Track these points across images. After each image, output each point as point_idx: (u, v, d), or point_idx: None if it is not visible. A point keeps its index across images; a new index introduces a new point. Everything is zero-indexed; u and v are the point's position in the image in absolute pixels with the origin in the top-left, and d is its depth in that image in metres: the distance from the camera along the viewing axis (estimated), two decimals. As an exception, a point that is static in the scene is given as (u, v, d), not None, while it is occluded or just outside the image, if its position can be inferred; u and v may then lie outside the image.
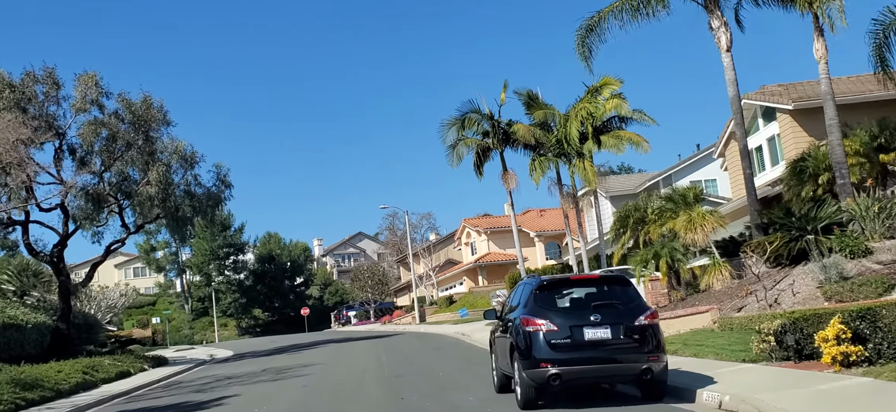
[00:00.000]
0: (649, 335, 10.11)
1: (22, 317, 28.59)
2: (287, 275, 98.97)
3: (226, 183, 36.28)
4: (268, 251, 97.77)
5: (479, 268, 58.68)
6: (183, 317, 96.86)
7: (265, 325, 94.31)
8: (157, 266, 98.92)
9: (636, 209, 25.01)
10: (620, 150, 30.35)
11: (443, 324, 45.66)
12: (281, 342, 48.64)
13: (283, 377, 22.04)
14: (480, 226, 60.92)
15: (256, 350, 41.71)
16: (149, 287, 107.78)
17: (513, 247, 60.19)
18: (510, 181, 32.72)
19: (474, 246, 62.89)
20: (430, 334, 37.30)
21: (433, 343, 30.85)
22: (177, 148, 33.86)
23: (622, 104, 30.64)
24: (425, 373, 18.58)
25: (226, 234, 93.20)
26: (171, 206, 34.63)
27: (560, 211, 68.83)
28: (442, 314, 51.42)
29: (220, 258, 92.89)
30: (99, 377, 26.41)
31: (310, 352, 33.06)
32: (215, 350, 48.89)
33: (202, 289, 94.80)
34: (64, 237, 33.71)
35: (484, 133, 33.33)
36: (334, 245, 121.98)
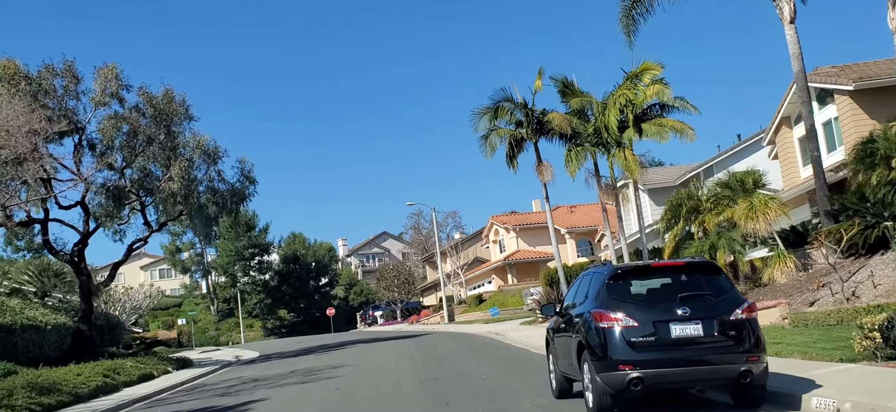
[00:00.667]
0: (747, 331, 8.58)
1: (41, 319, 27.56)
2: (312, 275, 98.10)
3: (250, 179, 35.11)
4: (293, 251, 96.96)
5: (508, 265, 57.14)
6: (209, 318, 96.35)
7: (291, 326, 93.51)
8: (182, 267, 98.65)
9: (689, 197, 23.36)
10: (663, 138, 28.67)
11: (473, 323, 44.23)
12: (307, 343, 47.49)
13: (313, 379, 20.74)
14: (509, 223, 59.39)
15: (283, 351, 40.56)
16: (174, 288, 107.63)
17: (543, 244, 58.77)
18: (545, 173, 31.17)
19: (503, 243, 61.36)
20: (461, 334, 35.88)
21: (467, 343, 29.43)
22: (199, 142, 32.72)
23: (664, 90, 28.96)
24: (467, 375, 17.14)
25: (250, 235, 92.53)
26: (194, 202, 33.50)
27: (591, 207, 67.23)
28: (471, 313, 49.96)
29: (245, 259, 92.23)
30: (120, 380, 25.30)
31: (338, 353, 31.79)
32: (241, 351, 47.85)
33: (227, 290, 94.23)
34: (84, 235, 32.70)
35: (517, 123, 31.80)
36: (359, 245, 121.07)
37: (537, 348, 22.61)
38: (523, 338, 26.53)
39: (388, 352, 29.07)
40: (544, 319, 32.15)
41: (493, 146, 31.12)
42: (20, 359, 25.60)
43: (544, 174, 31.20)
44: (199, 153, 32.67)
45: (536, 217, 61.50)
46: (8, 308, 26.64)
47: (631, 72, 29.88)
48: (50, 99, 29.88)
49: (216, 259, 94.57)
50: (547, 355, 12.04)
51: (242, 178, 34.84)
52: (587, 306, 9.15)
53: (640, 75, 29.71)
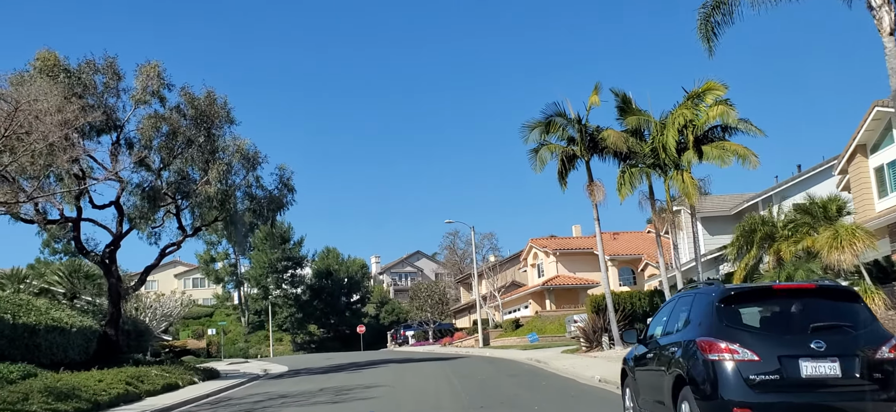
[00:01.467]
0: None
1: (67, 320, 26.57)
2: (344, 291, 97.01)
3: (288, 187, 34.02)
4: (326, 266, 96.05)
5: (546, 291, 55.35)
6: (239, 330, 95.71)
7: (320, 342, 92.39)
8: (215, 277, 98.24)
9: (764, 222, 21.61)
10: (725, 162, 26.94)
11: (509, 348, 42.53)
12: (337, 360, 46.14)
13: (344, 399, 19.31)
14: (549, 247, 57.63)
15: (312, 367, 39.25)
16: (207, 298, 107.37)
17: (584, 270, 56.94)
18: (597, 193, 29.58)
19: (541, 268, 59.58)
20: (499, 359, 34.24)
21: (506, 369, 27.79)
22: (239, 147, 31.73)
23: (729, 112, 27.27)
24: (515, 405, 15.57)
25: (284, 247, 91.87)
26: (231, 208, 32.49)
27: (634, 235, 65.26)
28: (507, 338, 48.23)
29: (278, 271, 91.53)
30: (143, 389, 24.16)
31: (370, 372, 30.34)
32: (269, 365, 46.68)
33: (259, 302, 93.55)
34: (117, 237, 31.83)
35: (569, 139, 30.26)
36: (392, 263, 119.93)
37: (586, 379, 20.93)
38: (569, 368, 24.85)
39: (424, 374, 27.55)
40: (589, 348, 30.49)
41: (542, 161, 29.63)
42: (42, 362, 24.60)
43: (596, 194, 29.60)
44: (239, 158, 31.67)
45: (577, 242, 59.69)
46: (33, 307, 25.69)
47: (692, 91, 28.28)
48: (90, 95, 29.12)
49: (249, 270, 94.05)
50: (622, 390, 10.47)
51: (281, 186, 33.79)
52: (689, 333, 7.60)
53: (702, 95, 28.09)
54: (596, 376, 20.59)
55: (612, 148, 28.74)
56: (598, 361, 26.02)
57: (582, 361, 26.59)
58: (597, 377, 20.37)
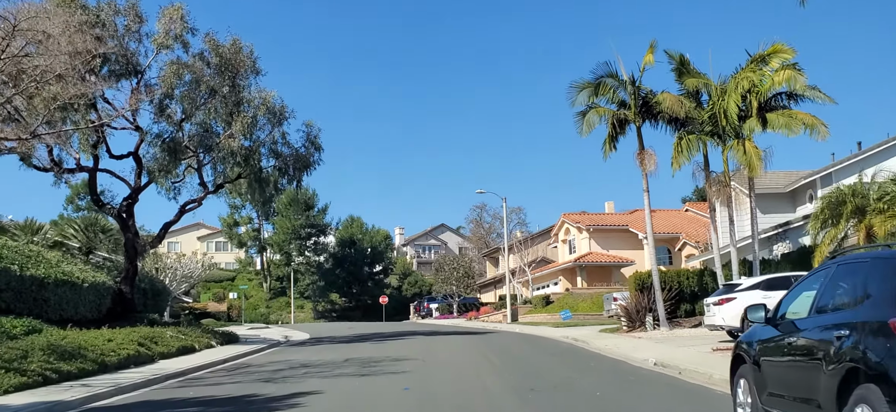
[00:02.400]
0: None
1: (78, 274, 25.04)
2: (367, 261, 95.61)
3: (316, 145, 32.21)
4: (349, 235, 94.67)
5: (578, 267, 53.26)
6: (260, 295, 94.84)
7: (341, 311, 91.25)
8: (238, 241, 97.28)
9: (854, 193, 19.42)
10: (792, 131, 24.59)
11: (540, 325, 40.61)
12: (361, 329, 44.55)
13: (373, 372, 17.52)
14: (582, 223, 55.46)
15: (334, 335, 37.65)
16: (229, 262, 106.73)
17: (617, 248, 54.75)
18: (648, 161, 27.36)
19: (573, 244, 57.45)
20: (532, 336, 32.34)
21: (544, 347, 25.90)
22: (265, 99, 29.90)
23: (796, 77, 24.87)
24: (572, 388, 13.67)
25: (309, 214, 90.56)
26: (255, 164, 30.80)
27: (670, 213, 62.84)
28: (537, 314, 46.30)
29: (301, 238, 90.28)
30: (156, 351, 22.60)
31: (397, 344, 28.60)
32: (290, 331, 45.24)
33: (281, 268, 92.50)
34: (135, 190, 30.26)
35: (620, 102, 28.03)
36: (415, 235, 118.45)
37: (637, 361, 18.97)
38: (612, 348, 22.88)
39: (455, 348, 25.73)
40: (631, 328, 28.46)
41: (590, 125, 27.45)
42: (50, 317, 23.09)
43: (647, 163, 27.41)
44: (264, 111, 29.85)
45: (611, 218, 57.46)
46: (43, 259, 24.16)
47: (756, 54, 25.93)
48: (109, 36, 27.37)
49: (272, 236, 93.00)
50: (734, 381, 8.47)
51: (308, 144, 32.03)
52: (872, 313, 5.57)
53: (767, 58, 25.73)
54: (649, 359, 18.60)
55: (667, 113, 26.48)
56: (645, 343, 24.02)
57: (626, 342, 24.61)
58: (651, 360, 18.38)
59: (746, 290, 21.08)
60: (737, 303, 20.89)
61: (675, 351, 20.03)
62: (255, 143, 30.80)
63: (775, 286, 20.89)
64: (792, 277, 21.24)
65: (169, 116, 29.64)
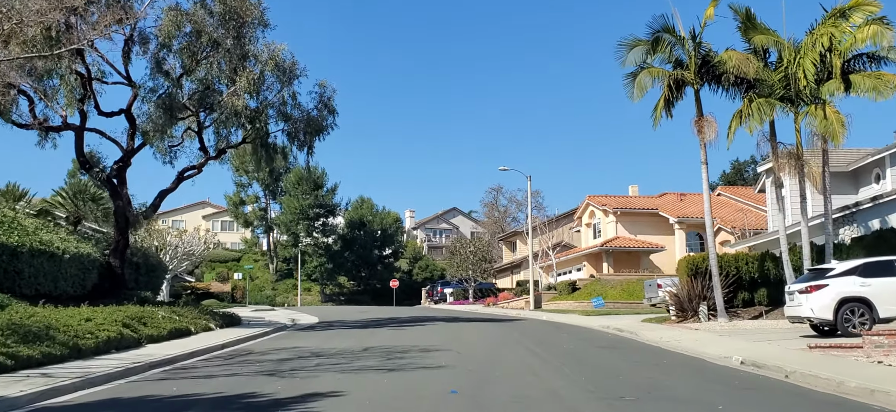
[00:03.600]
0: None
1: (58, 244, 21.94)
2: (377, 244, 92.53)
3: (329, 108, 28.93)
4: (359, 217, 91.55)
5: (604, 252, 49.97)
6: (266, 276, 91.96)
7: (349, 295, 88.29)
8: (244, 221, 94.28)
9: None
10: (882, 95, 21.27)
11: (568, 313, 37.42)
12: (373, 313, 41.44)
13: (401, 365, 14.39)
14: (609, 206, 52.13)
15: (346, 319, 34.55)
16: (235, 242, 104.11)
17: (645, 233, 51.42)
18: (708, 130, 24.00)
19: (598, 228, 54.16)
20: (566, 325, 29.17)
21: (588, 337, 22.75)
22: (273, 54, 26.62)
23: (884, 33, 21.58)
24: (665, 395, 10.49)
25: (317, 193, 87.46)
26: (262, 127, 27.60)
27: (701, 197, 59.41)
28: (562, 301, 43.09)
29: (309, 218, 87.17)
30: (144, 333, 19.55)
31: (418, 330, 25.48)
32: (298, 314, 42.17)
33: (288, 249, 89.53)
34: (127, 153, 27.14)
35: (676, 62, 24.68)
36: (426, 218, 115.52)
37: (714, 358, 15.77)
38: (672, 341, 19.71)
39: (487, 336, 22.59)
40: (682, 318, 25.24)
41: (642, 87, 24.09)
42: (24, 292, 20.05)
43: (706, 131, 24.06)
44: (272, 67, 26.58)
45: (639, 202, 54.12)
46: (17, 226, 21.03)
47: (836, 7, 22.56)
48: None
49: (279, 215, 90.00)
50: None
51: (321, 106, 28.75)
52: None
53: (847, 13, 22.36)
54: (731, 356, 15.40)
55: (732, 73, 23.14)
56: (707, 336, 20.85)
57: (684, 334, 21.42)
58: (734, 357, 15.18)
59: (840, 277, 17.86)
60: (829, 291, 17.70)
61: (757, 347, 16.81)
62: (261, 104, 27.59)
63: (875, 272, 17.69)
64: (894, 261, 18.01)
65: (166, 72, 26.41)
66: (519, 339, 21.16)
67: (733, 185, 65.59)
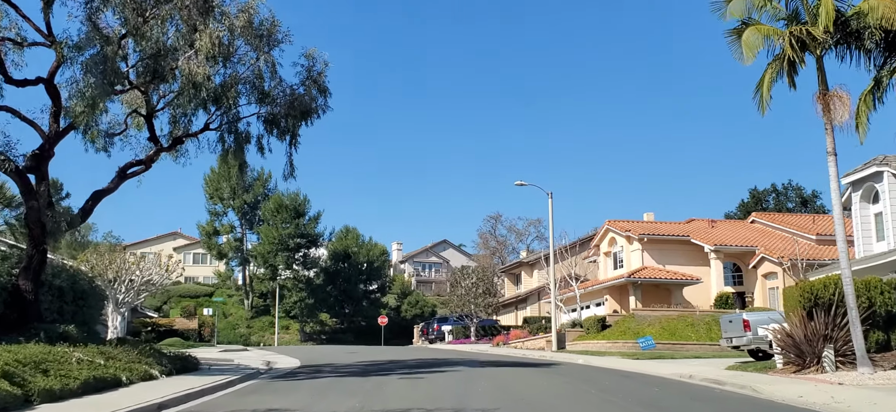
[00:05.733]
0: None
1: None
2: (362, 278, 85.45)
3: (320, 85, 22.19)
4: (343, 248, 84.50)
5: (632, 284, 43.31)
6: (241, 313, 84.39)
7: (332, 333, 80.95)
8: (218, 252, 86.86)
9: None
10: None
11: (606, 355, 30.66)
12: (365, 354, 34.40)
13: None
14: (633, 232, 45.59)
15: (335, 363, 27.58)
16: (208, 276, 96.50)
17: (674, 262, 44.90)
18: (838, 108, 17.53)
19: (619, 257, 47.57)
20: (623, 371, 22.40)
21: (680, 390, 16.15)
22: (245, 8, 19.93)
23: None
24: None
25: (298, 222, 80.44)
26: (230, 107, 20.81)
27: (735, 224, 53.23)
28: (592, 341, 36.29)
29: (289, 249, 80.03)
30: (40, 387, 12.86)
31: (437, 380, 18.64)
32: (274, 356, 35.11)
33: (266, 283, 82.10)
34: (49, 138, 20.23)
35: (790, 17, 18.25)
36: (415, 252, 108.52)
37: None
38: (820, 403, 13.15)
39: (543, 388, 15.78)
40: (800, 367, 18.60)
41: (750, 48, 17.59)
42: None
43: (836, 109, 17.52)
44: (244, 25, 19.81)
45: (666, 228, 47.67)
46: None
47: None
48: None
49: (257, 246, 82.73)
50: None
51: (308, 82, 21.99)
52: None
53: None
54: None
55: (876, 28, 16.76)
56: (863, 393, 14.36)
57: (829, 392, 14.82)
58: None
59: None
60: None
61: None
62: (230, 78, 20.85)
63: None
64: None
65: (103, 32, 19.58)
66: (599, 396, 14.38)
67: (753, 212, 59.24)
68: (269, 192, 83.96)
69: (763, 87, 18.81)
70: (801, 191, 69.34)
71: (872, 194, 27.84)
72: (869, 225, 28.03)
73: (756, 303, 43.03)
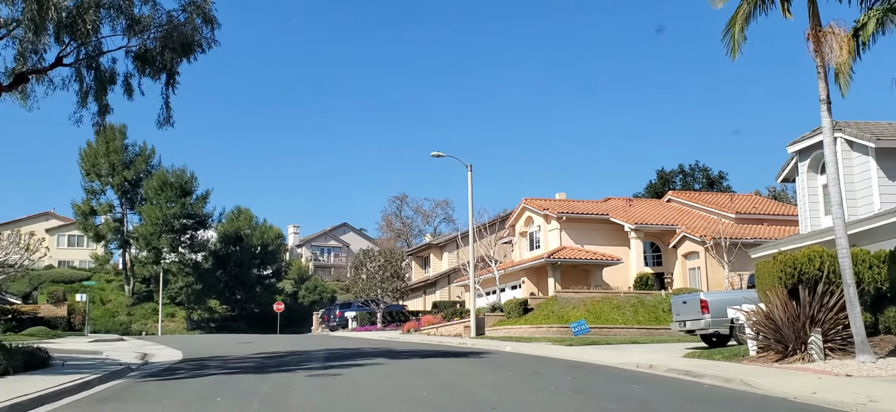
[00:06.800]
0: None
1: None
2: (256, 262, 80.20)
3: (206, 16, 17.86)
4: (235, 230, 79.00)
5: (551, 265, 40.62)
6: (121, 300, 77.57)
7: (223, 321, 75.45)
8: (96, 234, 79.45)
9: None
10: None
11: (534, 341, 27.73)
12: (261, 345, 30.16)
13: None
14: (551, 211, 42.90)
15: (226, 356, 23.41)
16: (85, 260, 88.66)
17: (594, 243, 42.64)
18: (835, 47, 14.81)
19: (536, 237, 44.91)
20: (573, 363, 19.27)
21: (649, 384, 13.13)
22: None
23: None
24: None
25: (184, 201, 74.34)
26: (86, 32, 16.20)
27: (651, 203, 51.55)
28: (514, 326, 33.31)
29: (174, 231, 73.94)
30: None
31: (357, 378, 14.95)
32: (154, 347, 30.42)
33: (148, 267, 75.76)
34: None
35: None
36: (313, 235, 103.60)
37: None
38: (837, 402, 10.39)
39: (507, 391, 12.34)
40: (782, 355, 15.90)
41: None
42: None
43: (834, 49, 14.81)
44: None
45: (584, 206, 45.32)
46: None
47: None
48: None
49: (138, 228, 76.05)
50: None
51: (191, 9, 17.61)
52: None
53: None
54: None
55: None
56: (885, 387, 11.75)
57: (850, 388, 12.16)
58: None
59: None
60: None
61: None
62: None
63: None
64: None
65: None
66: (565, 391, 11.07)
67: (660, 196, 58.08)
68: (152, 168, 77.34)
69: (735, 26, 16.01)
70: (707, 172, 69.08)
71: (821, 163, 25.88)
72: (816, 197, 26.06)
73: (676, 283, 41.30)
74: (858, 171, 24.29)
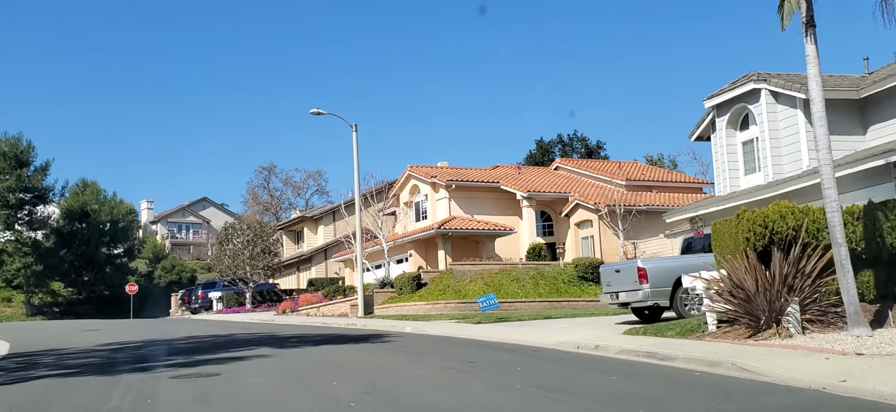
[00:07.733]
0: None
1: None
2: (105, 240, 72.76)
3: None
4: (80, 205, 71.22)
5: (441, 236, 37.67)
6: (-55, 283, 68.15)
7: (68, 305, 67.97)
8: (-84, 210, 69.03)
9: None
10: None
11: (435, 319, 24.71)
12: (111, 333, 25.42)
13: None
14: (440, 178, 39.93)
15: (65, 348, 18.90)
16: None
17: (485, 212, 40.11)
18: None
19: (423, 207, 41.86)
20: (506, 346, 16.31)
21: (627, 374, 10.38)
22: None
23: None
24: None
25: (21, 173, 65.80)
26: None
27: (543, 171, 49.61)
28: (407, 303, 30.13)
29: (10, 206, 65.49)
30: None
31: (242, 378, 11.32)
32: (-27, 340, 24.93)
33: (-21, 247, 66.68)
34: None
35: None
36: (169, 211, 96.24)
37: None
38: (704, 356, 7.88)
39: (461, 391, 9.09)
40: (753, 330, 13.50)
41: None
42: None
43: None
44: None
45: (474, 174, 42.73)
46: None
47: None
48: None
49: (-32, 202, 66.77)
50: None
51: None
52: None
53: None
54: None
55: None
56: None
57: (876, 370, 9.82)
58: None
59: None
60: None
61: None
62: None
63: None
64: None
65: None
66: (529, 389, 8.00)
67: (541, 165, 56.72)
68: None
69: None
70: (585, 141, 68.50)
71: (741, 118, 24.22)
72: (736, 155, 24.42)
73: (568, 254, 39.48)
74: (784, 125, 22.72)
